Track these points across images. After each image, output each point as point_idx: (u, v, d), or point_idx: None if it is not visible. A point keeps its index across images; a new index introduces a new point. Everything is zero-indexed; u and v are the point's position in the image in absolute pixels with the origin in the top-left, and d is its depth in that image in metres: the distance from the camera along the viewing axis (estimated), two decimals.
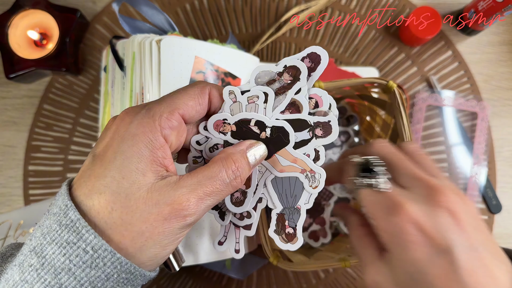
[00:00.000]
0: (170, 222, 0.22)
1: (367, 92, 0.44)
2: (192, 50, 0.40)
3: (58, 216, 0.21)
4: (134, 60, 0.40)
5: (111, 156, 0.22)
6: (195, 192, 0.22)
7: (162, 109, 0.23)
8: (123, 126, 0.23)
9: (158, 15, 0.44)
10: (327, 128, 0.28)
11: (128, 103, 0.41)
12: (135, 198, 0.21)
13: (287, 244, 0.29)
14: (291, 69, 0.27)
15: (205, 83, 0.26)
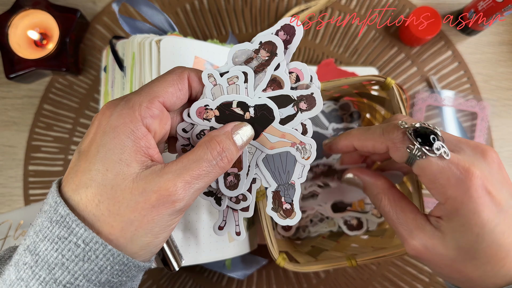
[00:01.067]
0: (158, 209, 0.22)
1: (365, 90, 0.44)
2: (191, 50, 0.40)
3: (48, 213, 0.21)
4: (134, 60, 0.40)
5: (94, 150, 0.22)
6: (182, 177, 0.22)
7: (141, 98, 0.23)
8: (104, 119, 0.23)
9: (158, 15, 0.44)
10: (311, 101, 0.28)
11: None
12: (121, 188, 0.21)
13: (285, 219, 0.29)
14: (267, 44, 0.26)
15: (182, 68, 0.26)
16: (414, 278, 0.52)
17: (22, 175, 0.54)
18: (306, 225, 0.50)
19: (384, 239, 0.45)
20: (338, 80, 0.40)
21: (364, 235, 0.48)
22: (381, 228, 0.48)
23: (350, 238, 0.48)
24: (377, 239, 0.45)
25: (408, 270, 0.52)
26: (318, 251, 0.46)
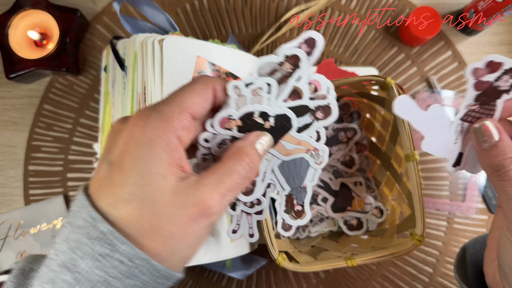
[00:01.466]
0: (198, 222, 0.22)
1: (365, 89, 0.44)
2: (194, 50, 0.40)
3: (86, 229, 0.21)
4: (136, 59, 0.39)
5: (130, 162, 0.22)
6: (217, 190, 0.23)
7: (172, 109, 0.23)
8: (137, 130, 0.22)
9: (159, 15, 0.44)
10: (327, 110, 0.29)
11: (129, 103, 0.40)
12: (161, 202, 0.21)
13: (296, 220, 0.31)
14: (292, 58, 0.27)
15: (207, 77, 0.26)
16: (414, 278, 0.52)
17: (22, 175, 0.54)
18: (306, 225, 0.50)
19: (384, 239, 0.45)
20: (338, 80, 0.40)
21: (364, 235, 0.48)
22: (381, 228, 0.48)
23: (350, 238, 0.48)
24: (377, 239, 0.45)
25: (408, 270, 0.52)
26: (318, 251, 0.46)
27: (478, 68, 0.27)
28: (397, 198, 0.46)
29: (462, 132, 0.29)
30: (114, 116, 0.44)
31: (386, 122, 0.45)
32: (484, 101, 0.28)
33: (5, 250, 0.52)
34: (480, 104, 0.28)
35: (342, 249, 0.45)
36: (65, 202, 0.53)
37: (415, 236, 0.38)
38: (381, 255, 0.39)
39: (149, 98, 0.38)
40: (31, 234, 0.52)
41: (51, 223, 0.53)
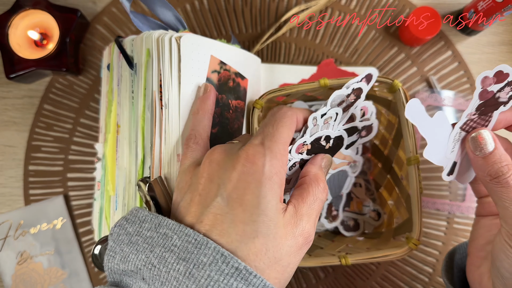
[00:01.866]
0: (302, 249, 0.25)
1: (371, 91, 0.44)
2: (208, 49, 0.40)
3: (216, 265, 0.22)
4: (149, 56, 0.39)
5: (253, 200, 0.24)
6: (312, 218, 0.26)
7: (279, 147, 0.26)
8: (255, 169, 0.24)
9: (167, 11, 0.43)
10: (369, 129, 0.36)
11: (141, 102, 0.40)
12: (279, 236, 0.24)
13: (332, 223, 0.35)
14: (357, 90, 0.31)
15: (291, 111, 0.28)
16: (414, 278, 0.52)
17: (22, 175, 0.54)
18: None
19: (379, 242, 0.45)
20: (344, 79, 0.40)
21: (360, 237, 0.48)
22: (377, 231, 0.48)
23: (346, 238, 0.48)
24: (372, 242, 0.45)
25: (408, 270, 0.53)
26: (313, 248, 0.47)
27: (487, 77, 0.27)
28: (396, 202, 0.46)
29: (459, 141, 0.30)
30: (120, 115, 0.43)
31: (390, 125, 0.45)
32: (483, 111, 0.28)
33: (5, 250, 0.52)
34: (479, 114, 0.29)
35: (337, 248, 0.45)
36: (65, 202, 0.53)
37: (411, 240, 0.38)
38: (375, 256, 0.39)
39: (166, 96, 0.38)
40: (31, 234, 0.52)
41: (51, 223, 0.53)
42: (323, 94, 0.47)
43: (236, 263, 0.22)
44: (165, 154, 0.37)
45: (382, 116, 0.47)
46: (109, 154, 0.45)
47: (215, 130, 0.40)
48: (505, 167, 0.27)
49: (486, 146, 0.28)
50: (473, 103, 0.28)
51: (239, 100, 0.43)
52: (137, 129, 0.41)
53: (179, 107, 0.38)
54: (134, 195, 0.41)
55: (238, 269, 0.22)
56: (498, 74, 0.27)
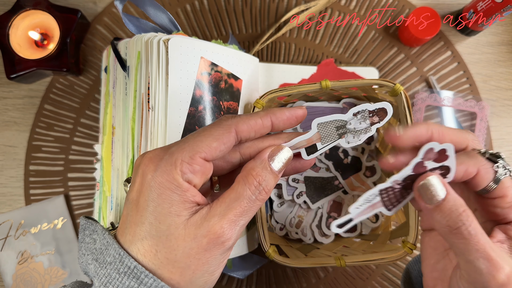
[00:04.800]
0: (211, 251, 0.24)
1: (373, 93, 0.44)
2: (198, 51, 0.40)
3: (114, 265, 0.23)
4: (139, 59, 0.39)
5: (143, 203, 0.24)
6: (226, 217, 0.24)
7: (183, 154, 0.24)
8: (149, 173, 0.24)
9: (162, 14, 0.44)
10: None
11: (131, 104, 0.40)
12: (175, 237, 0.23)
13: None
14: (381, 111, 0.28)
15: (230, 120, 0.26)
16: None
17: (23, 175, 0.54)
18: None
19: (375, 244, 0.45)
20: (347, 81, 0.40)
21: (356, 238, 0.48)
22: (374, 233, 0.48)
23: (343, 239, 0.48)
24: (368, 243, 0.46)
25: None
26: (309, 248, 0.47)
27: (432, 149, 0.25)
28: None
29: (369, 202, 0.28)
30: (115, 117, 0.44)
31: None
32: (408, 184, 0.27)
33: (6, 249, 0.52)
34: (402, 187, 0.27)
35: (334, 249, 0.45)
36: (65, 201, 0.53)
37: (407, 244, 0.38)
38: (371, 259, 0.39)
39: (153, 99, 0.38)
40: (32, 233, 0.52)
41: (52, 222, 0.53)
42: (324, 95, 0.47)
43: (129, 262, 0.23)
44: None
45: None
46: (105, 155, 0.45)
47: None
48: (464, 215, 0.24)
49: (438, 193, 0.25)
50: (405, 171, 0.26)
51: (232, 101, 0.43)
52: (128, 130, 0.41)
53: (166, 109, 0.38)
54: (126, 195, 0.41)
55: (131, 268, 0.22)
56: (442, 152, 0.25)
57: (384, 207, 0.28)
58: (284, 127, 0.28)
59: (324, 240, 0.48)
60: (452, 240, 0.24)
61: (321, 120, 0.28)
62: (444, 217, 0.24)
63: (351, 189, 0.47)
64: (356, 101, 0.48)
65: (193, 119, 0.39)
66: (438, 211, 0.25)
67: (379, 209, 0.28)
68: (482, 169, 0.26)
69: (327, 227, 0.48)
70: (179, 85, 0.38)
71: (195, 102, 0.40)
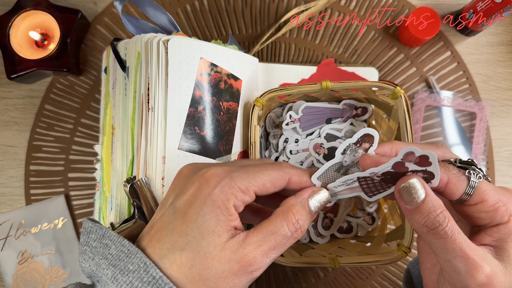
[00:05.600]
0: (239, 277, 0.24)
1: (374, 95, 0.44)
2: (197, 52, 0.40)
3: (138, 273, 0.23)
4: (139, 60, 0.39)
5: (193, 215, 0.24)
6: (261, 248, 0.24)
7: (243, 183, 0.25)
8: (207, 188, 0.25)
9: (161, 15, 0.44)
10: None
11: (131, 104, 0.41)
12: (212, 256, 0.24)
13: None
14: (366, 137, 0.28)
15: (288, 168, 0.28)
16: None
17: (23, 175, 0.54)
18: None
19: (371, 246, 0.45)
20: (348, 82, 0.40)
21: (352, 239, 0.48)
22: (370, 235, 0.48)
23: (338, 240, 0.48)
24: (363, 245, 0.46)
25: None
26: (304, 248, 0.47)
27: (412, 153, 0.24)
28: (390, 208, 0.46)
29: (348, 185, 0.28)
30: (115, 118, 0.44)
31: (390, 131, 0.45)
32: (387, 179, 0.27)
33: (6, 249, 0.52)
34: (381, 180, 0.27)
35: (328, 249, 0.45)
36: (66, 201, 0.54)
37: (401, 247, 0.38)
38: (365, 260, 0.39)
39: (153, 99, 0.38)
40: (32, 233, 0.52)
41: (52, 222, 0.53)
42: (324, 96, 0.47)
43: (154, 273, 0.23)
44: (149, 156, 0.38)
45: (383, 121, 0.47)
46: (105, 156, 0.45)
47: (204, 133, 0.40)
48: (440, 216, 0.25)
49: (418, 195, 0.25)
50: (384, 166, 0.26)
51: (232, 101, 0.43)
52: (128, 131, 0.41)
53: (166, 110, 0.38)
54: (125, 196, 0.41)
55: (155, 278, 0.23)
56: (423, 158, 0.25)
57: (364, 193, 0.28)
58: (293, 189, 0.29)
59: (319, 240, 0.48)
60: (430, 240, 0.25)
61: (318, 173, 0.28)
62: (423, 218, 0.25)
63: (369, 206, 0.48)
64: (356, 103, 0.48)
65: (193, 119, 0.39)
66: (417, 212, 0.25)
67: (359, 193, 0.28)
68: (452, 177, 0.27)
69: (323, 227, 0.48)
70: (179, 85, 0.38)
71: (195, 103, 0.40)
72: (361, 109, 0.48)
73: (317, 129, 0.48)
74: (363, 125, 0.49)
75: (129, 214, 0.40)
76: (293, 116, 0.47)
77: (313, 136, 0.48)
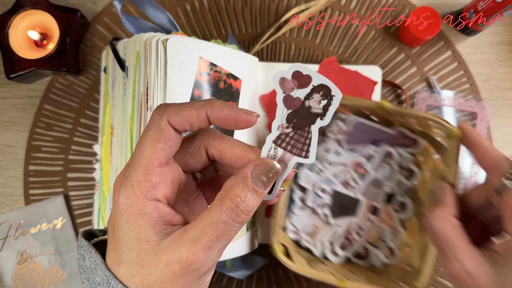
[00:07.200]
0: (184, 278, 0.22)
1: (430, 131, 0.43)
2: (196, 51, 0.40)
3: (104, 285, 0.23)
4: (138, 59, 0.39)
5: (116, 230, 0.24)
6: (200, 243, 0.22)
7: (138, 173, 0.23)
8: (115, 201, 0.24)
9: (161, 14, 0.44)
10: None
11: (130, 104, 0.40)
12: (147, 263, 0.22)
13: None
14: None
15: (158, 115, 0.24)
16: None
17: (23, 175, 0.54)
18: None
19: (382, 280, 0.44)
20: (407, 109, 0.41)
21: (366, 268, 0.47)
22: (385, 269, 0.47)
23: (351, 264, 0.47)
24: (374, 276, 0.45)
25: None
26: (316, 260, 0.46)
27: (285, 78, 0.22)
28: (414, 247, 0.45)
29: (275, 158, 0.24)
30: (114, 117, 0.44)
31: (436, 171, 0.44)
32: (297, 124, 0.23)
33: (6, 249, 0.52)
34: (294, 128, 0.24)
35: (339, 270, 0.44)
36: (65, 202, 0.53)
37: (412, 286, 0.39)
38: None
39: (152, 99, 0.38)
40: (32, 234, 0.52)
41: (52, 222, 0.53)
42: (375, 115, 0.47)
43: (115, 284, 0.23)
44: None
45: (429, 158, 0.46)
46: (105, 156, 0.45)
47: None
48: None
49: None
50: (280, 111, 0.23)
51: (231, 101, 0.43)
52: (127, 131, 0.41)
53: None
54: None
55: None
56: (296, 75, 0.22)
57: (297, 156, 0.24)
58: (221, 127, 0.24)
59: (332, 258, 0.47)
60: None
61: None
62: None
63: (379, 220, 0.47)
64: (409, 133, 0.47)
65: None
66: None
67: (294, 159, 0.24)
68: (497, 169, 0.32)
69: (339, 246, 0.47)
70: (178, 85, 0.38)
71: None
72: (410, 140, 0.48)
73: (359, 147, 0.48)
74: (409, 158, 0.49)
75: None
76: (342, 127, 0.47)
77: (355, 153, 0.48)
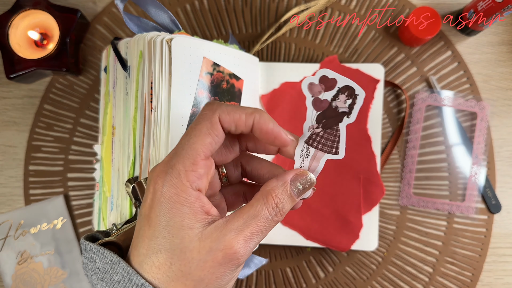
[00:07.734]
0: (225, 266, 0.24)
1: None
2: (200, 51, 0.40)
3: (123, 283, 0.24)
4: (141, 59, 0.39)
5: (155, 218, 0.24)
6: (243, 234, 0.24)
7: (185, 163, 0.24)
8: (158, 189, 0.24)
9: (163, 13, 0.44)
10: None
11: (133, 104, 0.40)
12: (189, 250, 0.23)
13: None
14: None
15: (210, 111, 0.25)
16: (414, 277, 0.52)
17: (23, 175, 0.54)
18: None
19: None
20: None
21: None
22: None
23: None
24: None
25: (408, 269, 0.53)
26: None
27: (313, 83, 0.24)
28: None
29: (308, 157, 0.27)
30: (116, 117, 0.44)
31: None
32: (326, 124, 0.26)
33: (6, 250, 0.52)
34: (323, 128, 0.26)
35: None
36: (65, 202, 0.53)
37: None
38: None
39: (156, 99, 0.38)
40: (32, 234, 0.52)
41: (52, 222, 0.53)
42: None
43: (137, 280, 0.23)
44: (153, 156, 0.37)
45: None
46: (105, 156, 0.45)
47: None
48: None
49: None
50: (310, 113, 0.25)
51: (233, 101, 0.43)
52: (129, 131, 0.41)
53: (169, 110, 0.38)
54: (127, 196, 0.41)
55: (138, 285, 0.23)
56: (323, 79, 0.24)
57: (329, 154, 0.27)
58: (260, 138, 0.26)
59: None
60: None
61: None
62: None
63: None
64: None
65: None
66: None
67: (326, 157, 0.27)
68: None
69: None
70: (182, 85, 0.38)
71: (197, 103, 0.40)
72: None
73: None
74: None
75: (131, 214, 0.40)
76: None
77: None
